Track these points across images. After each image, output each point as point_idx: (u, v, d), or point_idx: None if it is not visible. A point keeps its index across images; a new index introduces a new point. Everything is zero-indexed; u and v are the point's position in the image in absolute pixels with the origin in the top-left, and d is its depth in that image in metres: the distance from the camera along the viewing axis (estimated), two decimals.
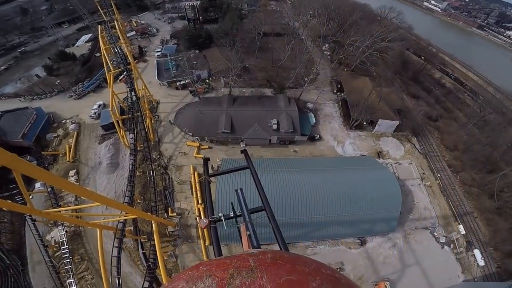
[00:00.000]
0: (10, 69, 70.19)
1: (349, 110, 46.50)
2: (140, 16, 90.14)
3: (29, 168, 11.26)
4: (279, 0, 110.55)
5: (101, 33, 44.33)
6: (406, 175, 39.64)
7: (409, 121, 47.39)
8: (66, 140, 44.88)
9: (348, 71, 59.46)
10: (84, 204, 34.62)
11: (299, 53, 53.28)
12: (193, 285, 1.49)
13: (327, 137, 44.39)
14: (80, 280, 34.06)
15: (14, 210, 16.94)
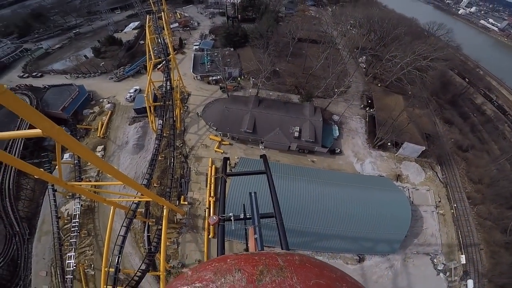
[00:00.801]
0: (63, 48, 77.54)
1: (375, 127, 45.02)
2: (185, 9, 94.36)
3: (71, 142, 12.81)
4: (320, 7, 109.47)
5: (148, 22, 46.95)
6: (421, 201, 38.66)
7: (437, 148, 44.83)
8: (100, 117, 48.82)
9: (381, 87, 57.42)
10: (104, 181, 37.24)
11: (333, 63, 52.52)
12: (222, 277, 1.49)
13: (348, 153, 43.51)
14: (80, 254, 35.51)
15: (44, 178, 18.20)
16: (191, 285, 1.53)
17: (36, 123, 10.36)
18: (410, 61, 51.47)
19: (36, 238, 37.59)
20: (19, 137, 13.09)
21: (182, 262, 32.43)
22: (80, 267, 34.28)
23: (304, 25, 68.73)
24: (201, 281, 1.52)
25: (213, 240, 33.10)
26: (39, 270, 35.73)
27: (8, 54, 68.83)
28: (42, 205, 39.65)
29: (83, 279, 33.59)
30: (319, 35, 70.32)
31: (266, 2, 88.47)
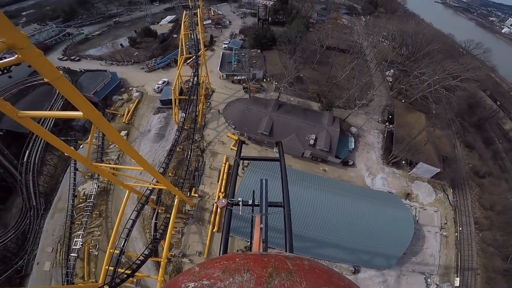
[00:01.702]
0: (102, 35, 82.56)
1: (392, 144, 44.22)
2: (219, 6, 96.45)
3: (106, 126, 14.20)
4: (353, 16, 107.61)
5: (184, 18, 48.77)
6: (426, 221, 38.12)
7: (452, 172, 43.27)
8: (128, 104, 51.70)
9: (405, 103, 55.82)
10: (123, 165, 38.55)
11: (359, 74, 51.85)
12: (230, 277, 1.48)
13: (361, 166, 43.04)
14: (88, 234, 36.40)
15: (73, 157, 18.86)
16: (198, 281, 1.51)
17: (80, 106, 11.81)
18: (439, 79, 49.56)
19: (50, 214, 38.99)
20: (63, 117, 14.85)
21: (184, 252, 33.32)
22: (85, 246, 35.31)
23: (334, 33, 68.18)
24: (209, 278, 1.51)
25: (216, 235, 33.89)
26: (46, 246, 36.75)
27: (52, 37, 74.48)
28: (61, 182, 41.72)
29: (86, 259, 34.60)
30: (348, 44, 69.58)
31: (298, 7, 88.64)
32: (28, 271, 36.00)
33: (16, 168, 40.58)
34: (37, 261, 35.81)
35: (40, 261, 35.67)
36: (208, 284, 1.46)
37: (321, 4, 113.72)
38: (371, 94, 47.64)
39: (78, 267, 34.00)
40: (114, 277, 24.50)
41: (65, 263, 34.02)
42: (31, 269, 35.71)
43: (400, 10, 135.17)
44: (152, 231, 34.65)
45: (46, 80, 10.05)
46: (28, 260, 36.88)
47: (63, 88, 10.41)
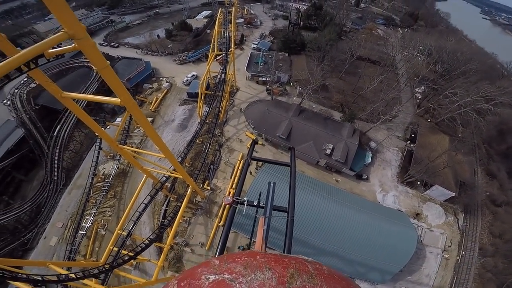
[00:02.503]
0: (141, 24, 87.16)
1: (410, 163, 42.90)
2: (252, 6, 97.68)
3: (139, 114, 15.49)
4: (390, 27, 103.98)
5: (219, 15, 50.31)
6: (431, 242, 37.26)
7: (467, 197, 41.37)
8: (156, 93, 54.38)
9: (431, 123, 53.41)
10: (145, 150, 40.09)
11: (387, 88, 50.51)
12: (252, 273, 1.48)
13: (374, 181, 42.20)
14: (99, 213, 36.90)
15: (102, 137, 20.48)
16: (219, 275, 1.51)
17: (119, 94, 13.21)
18: (471, 101, 46.69)
19: (68, 190, 39.88)
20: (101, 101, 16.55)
21: (187, 241, 33.89)
22: (95, 225, 35.74)
23: (367, 43, 66.61)
24: (230, 272, 1.51)
25: (221, 229, 34.05)
26: (57, 221, 37.14)
27: (96, 22, 79.98)
28: (84, 160, 43.32)
29: (92, 237, 34.88)
30: (380, 56, 67.73)
31: (332, 14, 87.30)
32: (33, 244, 36.26)
33: (45, 141, 42.71)
34: (45, 236, 36.21)
35: (48, 235, 36.14)
36: (230, 278, 1.45)
37: (357, 12, 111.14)
38: (396, 110, 46.02)
39: (82, 245, 34.59)
40: (117, 258, 24.97)
41: (71, 239, 34.60)
42: (37, 243, 36.02)
43: (442, 25, 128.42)
44: (161, 217, 35.52)
45: (95, 68, 11.51)
46: (37, 234, 37.24)
47: (108, 76, 11.78)
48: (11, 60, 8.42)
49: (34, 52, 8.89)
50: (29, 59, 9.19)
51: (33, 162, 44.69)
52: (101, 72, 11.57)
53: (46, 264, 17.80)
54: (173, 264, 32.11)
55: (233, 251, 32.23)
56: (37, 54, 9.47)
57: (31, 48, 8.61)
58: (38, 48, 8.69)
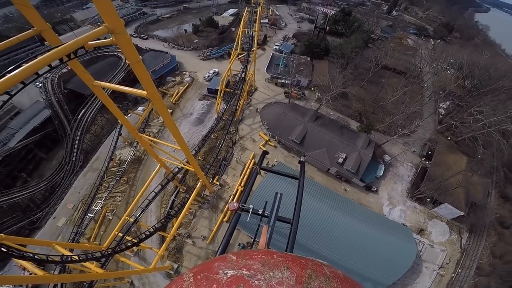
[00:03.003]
0: (171, 18, 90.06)
1: (422, 180, 41.76)
2: (278, 7, 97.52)
3: (162, 108, 16.45)
4: (421, 37, 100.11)
5: (245, 14, 50.38)
6: (430, 258, 36.31)
7: (475, 217, 39.88)
8: (178, 86, 56.14)
9: (450, 141, 51.12)
10: (161, 140, 40.55)
11: (410, 101, 49.03)
12: (271, 271, 1.47)
13: (383, 194, 41.40)
14: (110, 198, 37.60)
15: (124, 124, 21.07)
16: (238, 270, 1.51)
17: (146, 87, 14.13)
18: (497, 121, 44.05)
19: (84, 172, 40.96)
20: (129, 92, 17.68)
21: (190, 233, 34.47)
22: (103, 209, 36.25)
23: (394, 53, 64.77)
24: (248, 269, 1.51)
25: (224, 224, 34.75)
26: (68, 202, 37.76)
27: (129, 14, 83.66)
28: (103, 143, 44.81)
29: (99, 221, 35.37)
30: (406, 67, 65.59)
31: (362, 20, 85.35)
32: (41, 224, 36.72)
33: (69, 123, 44.51)
34: (55, 216, 36.69)
35: (57, 216, 36.66)
36: (248, 274, 1.45)
37: (388, 20, 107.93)
38: (416, 125, 44.47)
39: (89, 228, 35.14)
40: (120, 243, 25.34)
41: (79, 222, 34.95)
42: (45, 223, 36.43)
43: (479, 38, 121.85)
44: (168, 207, 36.28)
45: (128, 62, 12.38)
46: (47, 213, 37.69)
47: (139, 70, 12.67)
48: (55, 52, 9.05)
49: (77, 45, 9.54)
50: (72, 51, 10.19)
51: (55, 142, 47.31)
52: (133, 66, 12.41)
53: (52, 244, 17.89)
54: (173, 254, 32.79)
55: (234, 247, 32.78)
56: (80, 47, 10.43)
57: (75, 41, 9.30)
58: (81, 41, 9.42)
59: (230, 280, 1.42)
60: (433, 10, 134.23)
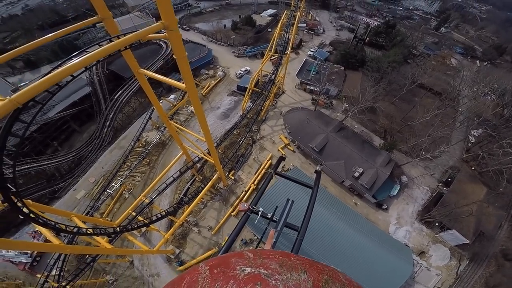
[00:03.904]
0: (213, 12, 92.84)
1: (435, 205, 40.33)
2: (318, 12, 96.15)
3: (196, 101, 17.80)
4: (467, 58, 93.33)
5: (284, 17, 50.91)
6: (423, 280, 35.36)
7: (479, 247, 38.15)
8: (210, 80, 58.30)
9: (474, 171, 47.87)
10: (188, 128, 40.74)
11: (440, 124, 46.77)
12: (288, 273, 1.46)
13: (392, 213, 40.49)
14: (130, 177, 39.03)
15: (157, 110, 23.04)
16: (255, 268, 1.49)
17: (186, 81, 15.51)
18: None
19: (110, 148, 43.12)
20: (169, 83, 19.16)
21: (198, 221, 35.48)
22: (122, 187, 37.47)
23: (434, 72, 61.47)
24: (266, 268, 1.49)
25: (232, 219, 35.61)
26: (91, 176, 39.50)
27: (175, 4, 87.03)
28: (133, 124, 47.46)
29: (115, 198, 36.49)
30: (444, 88, 61.80)
31: (405, 34, 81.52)
32: (61, 194, 38.27)
33: (105, 101, 48.37)
34: (75, 188, 38.34)
35: (78, 188, 38.28)
36: (266, 273, 1.44)
37: (435, 37, 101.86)
38: (441, 150, 42.30)
39: (104, 203, 36.47)
40: (132, 222, 25.72)
41: (97, 196, 36.37)
42: (65, 194, 38.01)
43: None
44: (182, 194, 37.45)
45: (175, 56, 13.63)
46: (69, 184, 39.45)
47: (182, 65, 13.95)
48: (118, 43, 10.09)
49: (136, 38, 10.53)
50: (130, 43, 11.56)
51: (89, 117, 51.00)
52: (178, 60, 13.68)
53: (70, 215, 18.36)
54: (177, 240, 33.77)
55: (237, 242, 33.38)
56: (138, 40, 11.79)
57: (135, 34, 10.39)
58: (140, 34, 10.48)
59: (247, 277, 1.41)
60: (486, 30, 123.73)
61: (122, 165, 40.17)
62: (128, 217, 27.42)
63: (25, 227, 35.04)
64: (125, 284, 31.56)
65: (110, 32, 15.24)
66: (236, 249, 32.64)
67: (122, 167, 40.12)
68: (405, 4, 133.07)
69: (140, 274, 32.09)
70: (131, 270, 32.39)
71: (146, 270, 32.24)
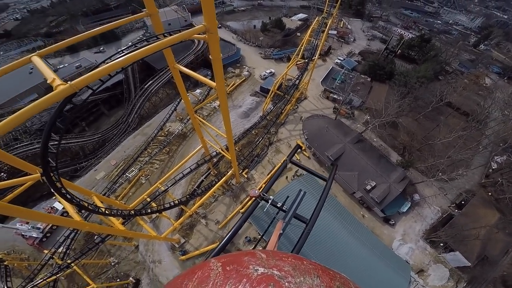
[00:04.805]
0: (245, 11, 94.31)
1: (444, 225, 39.47)
2: (351, 20, 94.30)
3: (224, 99, 18.38)
4: (504, 79, 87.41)
5: (314, 24, 50.91)
6: None
7: (480, 271, 36.59)
8: (235, 78, 59.61)
9: (490, 196, 45.33)
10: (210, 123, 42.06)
11: (462, 146, 45.02)
12: (301, 276, 1.46)
13: (398, 229, 39.74)
14: (149, 163, 39.99)
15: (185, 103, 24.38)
16: (268, 269, 1.50)
17: (217, 80, 16.21)
18: None
19: (134, 134, 44.78)
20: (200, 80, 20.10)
21: (207, 214, 36.28)
22: (140, 173, 38.68)
23: (465, 91, 58.63)
24: (279, 270, 1.49)
25: (239, 215, 35.51)
26: (113, 158, 40.80)
27: None
28: (158, 114, 49.36)
29: (132, 182, 37.43)
30: (472, 109, 58.76)
31: (440, 49, 77.92)
32: (82, 173, 39.95)
33: (135, 89, 51.55)
34: (96, 168, 39.55)
35: (99, 169, 39.49)
36: (279, 275, 1.44)
37: (472, 54, 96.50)
38: (459, 173, 40.85)
39: (121, 187, 37.55)
40: (146, 207, 26.37)
41: (116, 179, 37.72)
42: (86, 173, 39.55)
43: None
44: (195, 186, 38.63)
45: (211, 57, 14.40)
46: (91, 164, 41.11)
47: (216, 66, 14.62)
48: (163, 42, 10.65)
49: (180, 38, 11.08)
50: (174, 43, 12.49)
51: (119, 102, 53.94)
52: (213, 61, 14.12)
53: (91, 194, 18.67)
54: (184, 230, 34.58)
55: (240, 238, 34.05)
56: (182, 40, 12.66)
57: (180, 35, 11.05)
58: (185, 35, 11.17)
59: (260, 277, 1.41)
60: None
61: (143, 151, 41.81)
62: (142, 202, 28.22)
63: (42, 202, 36.55)
64: (126, 267, 32.43)
65: (155, 28, 16.04)
66: (239, 245, 33.83)
67: (143, 153, 41.76)
68: (444, 18, 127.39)
69: (142, 259, 32.84)
70: (134, 254, 33.30)
71: (149, 256, 33.00)
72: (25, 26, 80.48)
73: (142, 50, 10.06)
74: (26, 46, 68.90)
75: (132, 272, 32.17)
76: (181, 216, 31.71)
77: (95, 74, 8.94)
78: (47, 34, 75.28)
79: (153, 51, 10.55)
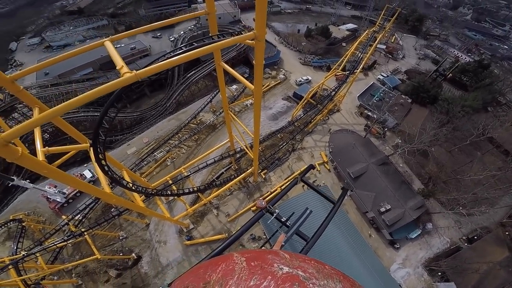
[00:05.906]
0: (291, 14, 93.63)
1: (447, 256, 37.91)
2: (404, 36, 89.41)
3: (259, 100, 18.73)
4: None
5: (363, 36, 49.25)
6: None
7: None
8: (270, 79, 60.25)
9: (506, 236, 41.52)
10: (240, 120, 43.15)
11: (493, 185, 41.86)
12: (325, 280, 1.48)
13: (401, 253, 38.32)
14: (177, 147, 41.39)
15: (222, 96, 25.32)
16: (293, 269, 1.49)
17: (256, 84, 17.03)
18: None
19: (169, 118, 47.61)
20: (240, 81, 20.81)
21: (220, 205, 37.19)
22: (167, 155, 40.05)
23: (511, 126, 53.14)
24: (304, 271, 1.50)
25: (249, 212, 36.65)
26: (146, 136, 42.78)
27: None
28: (194, 103, 51.97)
29: (158, 163, 38.70)
30: None
31: (497, 77, 70.63)
32: (116, 145, 42.20)
33: (178, 77, 54.73)
34: (129, 143, 41.43)
35: (131, 144, 41.31)
36: (304, 276, 1.44)
37: None
38: (481, 210, 38.11)
39: (147, 165, 39.05)
40: (166, 188, 27.46)
41: (145, 156, 39.59)
42: (118, 146, 41.72)
43: None
44: (215, 176, 39.92)
45: (254, 62, 15.26)
46: (125, 139, 43.30)
47: (258, 71, 15.35)
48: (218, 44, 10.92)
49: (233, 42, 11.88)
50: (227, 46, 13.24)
51: (161, 86, 57.52)
52: (256, 66, 14.94)
53: (122, 168, 19.09)
54: (195, 216, 35.63)
55: (245, 235, 34.49)
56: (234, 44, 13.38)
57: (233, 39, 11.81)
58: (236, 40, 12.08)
59: (285, 276, 1.41)
60: None
61: (174, 135, 44.06)
62: (164, 183, 29.15)
63: (73, 168, 38.91)
64: (132, 243, 33.54)
65: (211, 28, 17.13)
66: (243, 241, 34.82)
67: (173, 137, 44.03)
68: None
69: (150, 237, 33.97)
70: (143, 232, 34.50)
71: (157, 236, 34.08)
72: (96, 5, 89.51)
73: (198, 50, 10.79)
74: (92, 24, 76.76)
75: (136, 248, 33.41)
76: (196, 203, 32.86)
77: (157, 67, 9.49)
78: (112, 15, 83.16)
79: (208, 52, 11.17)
